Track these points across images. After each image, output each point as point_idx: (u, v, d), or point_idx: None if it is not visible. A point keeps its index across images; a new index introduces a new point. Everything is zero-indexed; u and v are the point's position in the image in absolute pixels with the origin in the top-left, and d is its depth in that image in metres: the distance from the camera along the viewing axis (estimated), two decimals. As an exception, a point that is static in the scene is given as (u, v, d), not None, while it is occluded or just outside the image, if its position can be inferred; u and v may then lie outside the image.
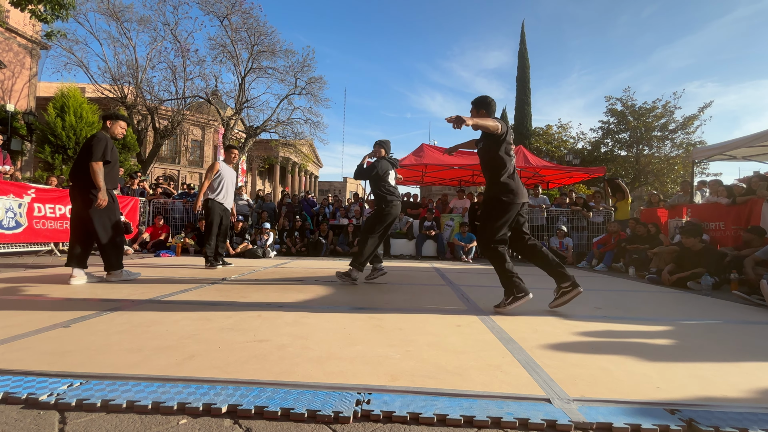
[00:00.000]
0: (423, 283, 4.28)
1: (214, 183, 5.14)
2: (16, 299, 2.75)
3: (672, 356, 1.79)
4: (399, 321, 2.35)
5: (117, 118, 3.82)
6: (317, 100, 18.33)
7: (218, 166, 5.20)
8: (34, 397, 1.20)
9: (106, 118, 3.81)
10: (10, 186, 6.32)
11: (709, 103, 18.44)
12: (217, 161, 5.31)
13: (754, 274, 3.96)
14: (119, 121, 3.82)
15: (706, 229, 5.91)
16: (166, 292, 3.14)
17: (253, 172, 34.60)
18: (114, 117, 3.82)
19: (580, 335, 2.14)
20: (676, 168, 18.77)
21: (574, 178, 11.96)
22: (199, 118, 29.18)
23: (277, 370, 1.47)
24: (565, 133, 23.29)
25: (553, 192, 13.79)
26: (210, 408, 1.16)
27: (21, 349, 1.63)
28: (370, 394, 1.28)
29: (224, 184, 5.22)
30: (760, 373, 1.59)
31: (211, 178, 5.13)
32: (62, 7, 7.90)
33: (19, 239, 6.34)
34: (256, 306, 2.69)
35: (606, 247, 7.05)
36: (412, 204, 10.15)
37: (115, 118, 3.81)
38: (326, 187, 49.24)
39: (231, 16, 16.50)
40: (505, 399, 1.27)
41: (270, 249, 7.76)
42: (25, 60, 18.43)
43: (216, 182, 5.15)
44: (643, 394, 1.34)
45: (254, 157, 31.70)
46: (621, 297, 3.68)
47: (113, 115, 3.85)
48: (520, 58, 24.42)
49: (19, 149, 15.59)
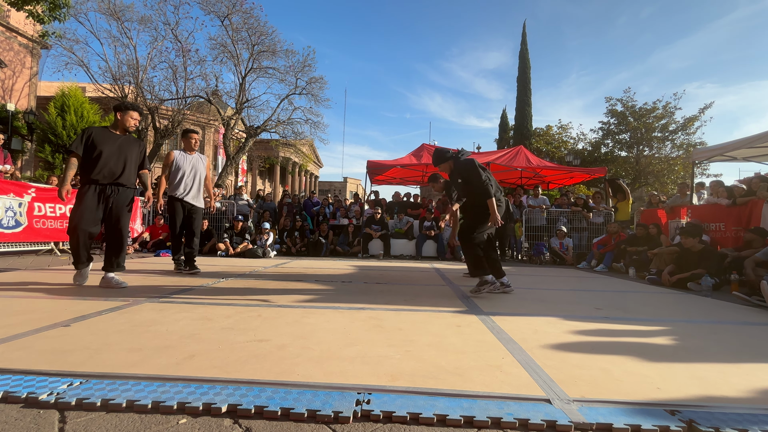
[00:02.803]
0: (423, 283, 4.28)
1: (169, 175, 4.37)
2: (15, 298, 2.74)
3: (672, 357, 1.79)
4: (399, 321, 2.35)
5: (127, 109, 3.50)
6: (318, 100, 18.32)
7: (172, 156, 4.39)
8: (33, 396, 1.20)
9: (116, 109, 3.52)
10: (10, 185, 6.32)
11: (709, 104, 18.46)
12: (172, 151, 4.45)
13: (754, 275, 3.96)
14: (130, 111, 3.49)
15: (707, 230, 5.91)
16: (166, 292, 3.14)
17: (253, 171, 34.61)
18: (124, 108, 3.50)
19: (580, 336, 2.14)
20: (676, 169, 18.77)
21: (574, 179, 11.96)
22: (200, 118, 29.14)
23: (277, 369, 1.47)
24: (565, 133, 23.29)
25: (553, 192, 13.79)
26: (210, 408, 1.16)
27: (21, 349, 1.63)
28: (370, 394, 1.28)
29: (182, 176, 4.39)
30: (760, 374, 1.59)
31: (167, 171, 4.36)
32: (58, 8, 7.90)
33: (19, 238, 6.34)
34: (256, 306, 2.69)
35: (606, 247, 7.05)
36: (412, 204, 10.15)
37: (125, 109, 3.49)
38: (326, 187, 49.23)
39: (232, 15, 16.49)
40: (505, 399, 1.27)
41: (270, 249, 7.76)
42: (25, 59, 18.44)
43: (172, 174, 4.38)
44: (643, 395, 1.34)
45: (254, 157, 31.71)
46: (621, 298, 3.68)
47: (123, 105, 3.53)
48: (521, 59, 24.42)
49: (20, 148, 15.61)
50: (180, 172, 4.40)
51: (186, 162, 4.46)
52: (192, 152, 4.57)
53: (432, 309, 2.77)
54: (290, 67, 17.69)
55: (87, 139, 3.33)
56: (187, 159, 4.48)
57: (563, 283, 4.79)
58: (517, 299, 3.34)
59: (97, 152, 3.32)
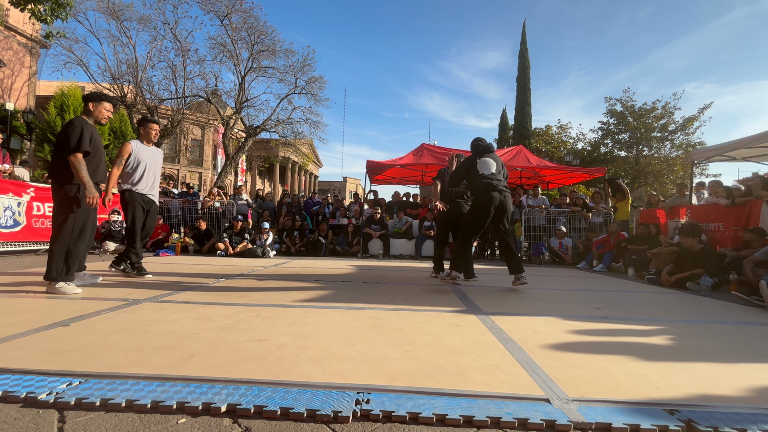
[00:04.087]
0: (422, 282, 4.28)
1: (127, 168, 3.98)
2: (15, 298, 2.74)
3: (671, 357, 1.79)
4: (398, 321, 2.35)
5: (100, 99, 3.24)
6: (317, 100, 18.32)
7: (130, 148, 3.97)
8: (33, 395, 1.20)
9: (88, 100, 3.22)
10: (9, 185, 6.31)
11: (709, 104, 18.46)
12: (128, 142, 4.05)
13: (753, 275, 3.96)
14: (103, 103, 3.24)
15: (705, 229, 5.91)
16: (165, 292, 3.14)
17: (253, 171, 34.60)
18: (96, 98, 3.23)
19: (579, 335, 2.14)
20: (675, 169, 18.78)
21: (574, 179, 11.97)
22: (199, 118, 29.17)
23: (276, 369, 1.47)
24: (564, 133, 23.30)
25: (553, 192, 13.80)
26: (209, 407, 1.16)
27: (20, 348, 1.63)
28: (369, 393, 1.28)
29: (144, 170, 4.04)
30: (758, 374, 1.59)
31: (121, 164, 3.92)
32: (61, 7, 7.89)
33: (18, 238, 6.33)
34: (255, 305, 2.69)
35: (605, 247, 7.06)
36: (412, 204, 10.15)
37: (98, 99, 3.23)
38: (326, 187, 49.26)
39: (231, 15, 16.48)
40: (504, 399, 1.27)
41: (269, 249, 7.76)
42: (24, 58, 18.42)
43: (131, 167, 3.99)
44: (642, 395, 1.34)
45: (254, 157, 31.69)
46: (620, 297, 3.68)
47: (95, 95, 3.25)
48: (521, 58, 24.43)
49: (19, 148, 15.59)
50: (142, 166, 4.03)
51: (146, 154, 4.08)
52: (150, 144, 4.19)
53: (431, 309, 2.77)
54: (290, 66, 17.70)
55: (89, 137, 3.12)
56: (146, 151, 4.10)
57: (562, 282, 4.79)
58: (517, 299, 3.34)
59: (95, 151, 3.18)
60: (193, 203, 9.39)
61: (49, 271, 3.00)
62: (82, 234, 3.12)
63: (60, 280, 3.00)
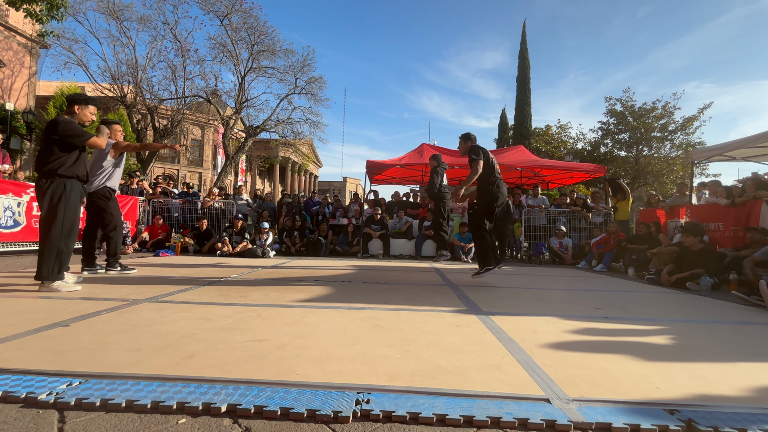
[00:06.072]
0: (423, 283, 4.28)
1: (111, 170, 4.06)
2: (15, 298, 2.74)
3: (671, 356, 1.79)
4: (398, 321, 2.35)
5: (87, 102, 3.33)
6: (317, 100, 18.33)
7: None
8: (33, 396, 1.20)
9: (74, 102, 3.28)
10: (9, 185, 6.31)
11: (708, 104, 18.48)
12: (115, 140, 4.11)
13: (753, 274, 3.97)
14: (89, 106, 3.34)
15: (705, 229, 5.91)
16: (165, 292, 3.14)
17: (252, 171, 34.59)
18: (83, 101, 3.31)
19: (579, 335, 2.14)
20: (675, 169, 18.79)
21: (574, 179, 11.97)
22: (199, 118, 29.17)
23: (276, 369, 1.47)
24: (564, 133, 23.31)
25: (553, 192, 13.79)
26: (209, 407, 1.16)
27: (20, 348, 1.63)
28: (369, 393, 1.28)
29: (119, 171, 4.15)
30: (758, 373, 1.59)
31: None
32: (56, 7, 7.89)
33: (18, 238, 6.33)
34: (255, 305, 2.69)
35: (605, 247, 7.06)
36: (412, 204, 10.15)
37: (84, 102, 3.31)
38: (326, 187, 49.26)
39: (231, 15, 16.49)
40: (504, 399, 1.27)
41: (269, 249, 7.76)
42: (24, 59, 18.42)
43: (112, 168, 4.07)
44: (643, 394, 1.34)
45: (254, 157, 31.70)
46: (620, 297, 3.68)
47: (82, 97, 3.33)
48: (521, 58, 24.43)
49: (19, 148, 15.58)
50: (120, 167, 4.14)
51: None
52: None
53: (431, 309, 2.77)
54: (290, 66, 17.71)
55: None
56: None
57: (562, 282, 4.79)
58: (517, 299, 3.34)
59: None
60: (193, 203, 9.39)
61: (39, 271, 3.01)
62: (71, 232, 3.13)
63: (51, 280, 3.01)
